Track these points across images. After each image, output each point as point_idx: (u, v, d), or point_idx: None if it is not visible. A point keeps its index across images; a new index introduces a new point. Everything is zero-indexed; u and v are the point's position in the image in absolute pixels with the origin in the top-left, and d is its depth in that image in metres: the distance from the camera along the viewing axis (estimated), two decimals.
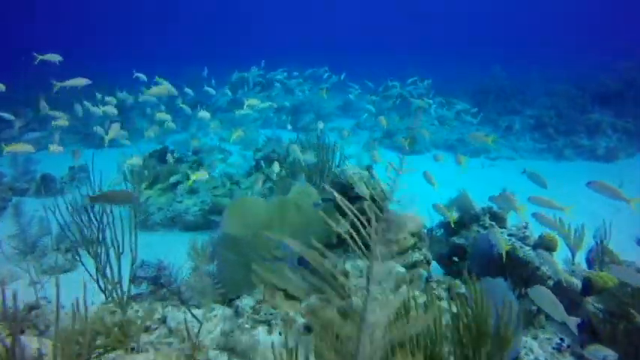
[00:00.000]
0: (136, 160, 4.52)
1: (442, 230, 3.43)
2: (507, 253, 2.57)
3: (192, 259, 3.00)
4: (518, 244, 2.59)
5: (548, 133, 8.44)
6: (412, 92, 8.42)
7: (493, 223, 3.02)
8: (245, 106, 4.69)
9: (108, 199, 2.25)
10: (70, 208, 2.67)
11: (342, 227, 2.92)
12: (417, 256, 2.47)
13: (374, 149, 5.29)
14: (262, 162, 5.82)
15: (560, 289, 2.46)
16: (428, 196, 4.56)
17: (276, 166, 3.74)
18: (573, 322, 1.83)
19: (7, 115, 6.77)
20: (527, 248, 2.56)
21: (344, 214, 3.22)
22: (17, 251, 4.36)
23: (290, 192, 2.63)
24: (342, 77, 8.90)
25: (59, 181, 6.55)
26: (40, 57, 4.52)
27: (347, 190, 3.18)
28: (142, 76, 5.57)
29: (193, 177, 4.01)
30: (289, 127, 3.91)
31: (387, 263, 2.33)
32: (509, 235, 2.79)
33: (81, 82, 4.36)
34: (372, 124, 11.31)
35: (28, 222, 4.68)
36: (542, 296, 1.89)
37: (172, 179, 4.75)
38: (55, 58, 4.53)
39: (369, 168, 6.17)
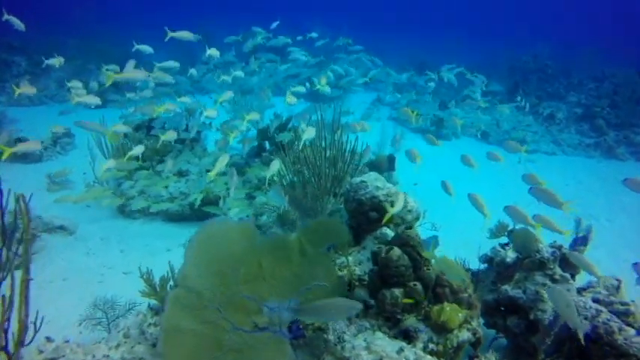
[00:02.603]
0: (112, 164, 3.62)
1: (488, 266, 2.60)
2: (597, 335, 1.74)
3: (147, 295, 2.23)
4: (615, 323, 1.75)
5: (597, 126, 7.33)
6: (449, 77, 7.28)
7: (567, 275, 2.18)
8: (204, 116, 3.85)
9: (319, 313, 1.45)
10: None
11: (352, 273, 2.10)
12: (465, 335, 1.67)
13: (399, 143, 4.35)
14: (267, 144, 4.97)
15: None
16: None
17: (275, 165, 2.81)
18: (583, 327, 1.66)
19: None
20: (631, 332, 1.72)
21: (359, 239, 2.38)
22: None
23: (303, 227, 1.80)
24: (374, 60, 7.64)
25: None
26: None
27: (365, 210, 2.35)
28: (146, 48, 4.64)
29: (212, 173, 3.09)
30: (308, 128, 3.03)
31: None
32: (595, 300, 1.95)
33: (189, 35, 4.32)
34: (394, 101, 10.26)
35: None
36: (559, 297, 1.70)
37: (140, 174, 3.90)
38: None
39: (390, 159, 5.27)
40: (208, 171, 4.55)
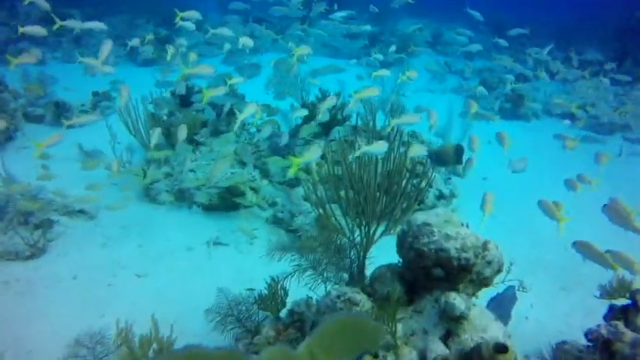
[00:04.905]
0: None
1: (597, 347, 1.83)
2: None
3: None
4: None
5: None
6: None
7: None
8: (236, 127, 3.15)
9: None
10: None
11: None
12: None
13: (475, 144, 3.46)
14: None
15: None
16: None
17: (316, 152, 2.06)
18: None
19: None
20: None
21: (413, 295, 1.69)
22: None
23: (317, 333, 1.15)
24: None
25: (78, 109, 5.57)
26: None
27: (427, 265, 1.64)
28: (191, 20, 4.03)
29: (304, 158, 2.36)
30: None
31: None
32: None
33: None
34: (463, 68, 8.94)
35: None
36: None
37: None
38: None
39: (458, 150, 4.36)
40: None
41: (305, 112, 3.53)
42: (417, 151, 2.41)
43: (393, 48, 5.53)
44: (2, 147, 4.64)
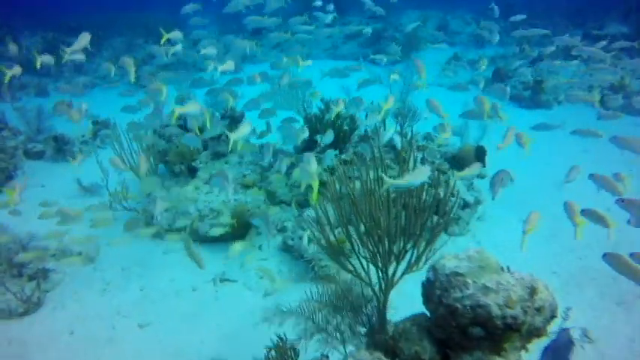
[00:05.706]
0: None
1: None
2: None
3: None
4: None
5: None
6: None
7: None
8: (230, 148, 2.85)
9: None
10: None
11: None
12: None
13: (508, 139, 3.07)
14: (319, 137, 3.92)
15: None
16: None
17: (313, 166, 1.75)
18: None
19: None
20: None
21: (446, 354, 1.40)
22: None
23: None
24: None
25: (78, 141, 5.41)
26: None
27: (462, 324, 1.31)
28: (176, 41, 3.80)
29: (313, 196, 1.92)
30: None
31: None
32: None
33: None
34: (476, 59, 8.49)
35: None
36: None
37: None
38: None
39: (480, 152, 3.97)
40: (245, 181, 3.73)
41: (306, 134, 3.25)
42: (472, 171, 2.08)
43: (397, 49, 5.19)
44: (1, 187, 4.49)
